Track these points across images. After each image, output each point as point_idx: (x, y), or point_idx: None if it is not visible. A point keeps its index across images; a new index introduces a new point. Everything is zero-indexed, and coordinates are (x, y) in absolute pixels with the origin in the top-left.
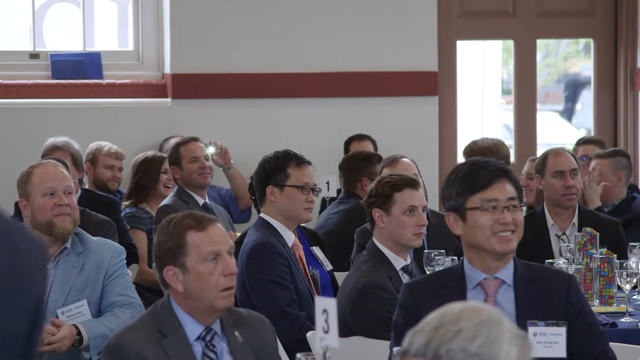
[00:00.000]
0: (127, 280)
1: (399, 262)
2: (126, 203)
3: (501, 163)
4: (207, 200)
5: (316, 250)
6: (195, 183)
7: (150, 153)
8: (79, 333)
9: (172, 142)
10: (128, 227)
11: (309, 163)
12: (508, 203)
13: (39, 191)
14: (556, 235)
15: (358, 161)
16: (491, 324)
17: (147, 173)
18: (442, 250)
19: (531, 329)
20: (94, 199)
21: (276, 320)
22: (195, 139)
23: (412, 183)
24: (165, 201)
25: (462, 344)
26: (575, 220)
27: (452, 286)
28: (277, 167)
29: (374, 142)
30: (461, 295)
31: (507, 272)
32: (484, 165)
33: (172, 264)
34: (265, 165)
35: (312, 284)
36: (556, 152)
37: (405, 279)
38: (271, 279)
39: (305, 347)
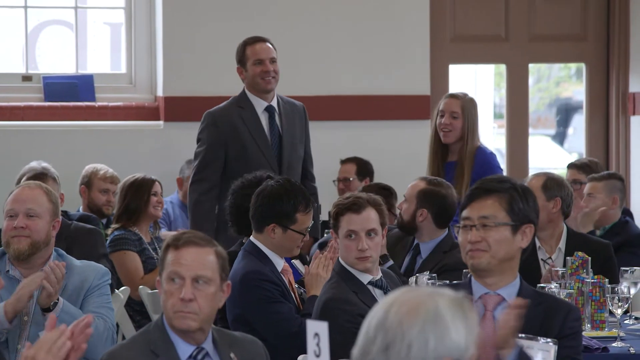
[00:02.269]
0: (105, 300)
1: (365, 277)
2: (115, 226)
3: (502, 181)
4: (272, 102)
5: (297, 262)
6: (258, 87)
7: (139, 175)
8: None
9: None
10: (118, 249)
11: (314, 206)
12: (478, 221)
13: (4, 213)
14: (542, 259)
15: (380, 190)
16: (434, 319)
17: (136, 196)
18: (435, 275)
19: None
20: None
21: (291, 340)
22: (262, 39)
23: (353, 207)
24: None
25: (418, 354)
26: (562, 244)
27: None
28: (288, 212)
29: (360, 164)
30: None
31: (509, 291)
32: (478, 183)
33: (160, 276)
34: (275, 204)
35: (301, 306)
36: None
37: (376, 293)
38: (269, 301)
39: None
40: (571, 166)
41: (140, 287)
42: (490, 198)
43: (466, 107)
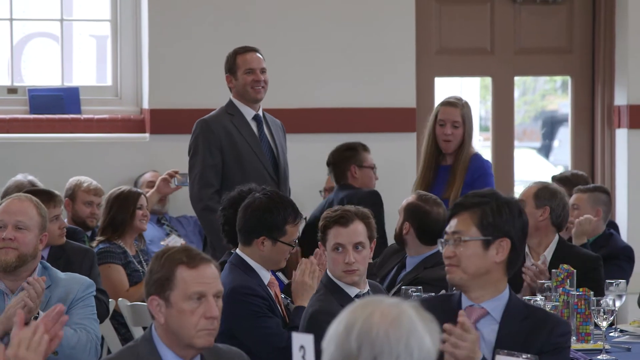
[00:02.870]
0: (90, 312)
1: (352, 290)
2: (100, 238)
3: (481, 196)
4: (259, 112)
5: (279, 273)
6: (248, 96)
7: (125, 188)
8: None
9: (147, 176)
10: (103, 262)
11: (302, 217)
12: (449, 237)
13: None
14: (525, 266)
15: (343, 152)
16: (413, 330)
17: (122, 209)
18: (420, 287)
19: (498, 358)
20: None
21: (279, 355)
22: (253, 49)
23: (341, 221)
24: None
25: None
26: (549, 253)
27: (450, 309)
28: (277, 224)
29: None
30: (455, 319)
31: (494, 305)
32: (459, 199)
33: (157, 295)
34: (265, 216)
35: (287, 319)
36: None
37: None
38: (258, 315)
39: None
40: (552, 179)
41: (120, 299)
42: (464, 214)
43: (466, 114)
